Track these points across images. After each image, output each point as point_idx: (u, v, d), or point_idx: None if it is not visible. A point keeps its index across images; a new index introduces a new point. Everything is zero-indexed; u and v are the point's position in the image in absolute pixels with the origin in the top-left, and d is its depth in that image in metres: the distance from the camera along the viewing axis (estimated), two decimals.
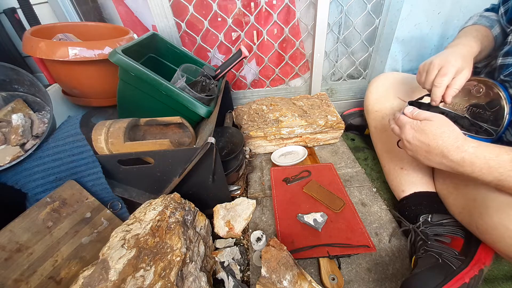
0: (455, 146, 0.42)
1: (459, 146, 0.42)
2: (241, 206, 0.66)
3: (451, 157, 0.43)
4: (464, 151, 0.41)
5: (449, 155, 0.43)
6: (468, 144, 0.42)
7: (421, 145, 0.46)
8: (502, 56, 0.50)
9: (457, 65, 0.47)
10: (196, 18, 0.90)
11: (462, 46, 0.52)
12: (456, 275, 0.43)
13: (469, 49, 0.52)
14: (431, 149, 0.44)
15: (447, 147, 0.43)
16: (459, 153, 0.42)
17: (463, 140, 0.42)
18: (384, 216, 0.65)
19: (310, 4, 0.91)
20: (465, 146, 0.42)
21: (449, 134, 0.43)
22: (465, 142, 0.42)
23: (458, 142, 0.42)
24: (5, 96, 0.61)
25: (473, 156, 0.41)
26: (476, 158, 0.40)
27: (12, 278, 0.43)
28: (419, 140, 0.46)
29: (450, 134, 0.43)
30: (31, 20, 0.93)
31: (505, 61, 0.49)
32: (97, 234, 0.54)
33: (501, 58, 0.50)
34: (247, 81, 1.09)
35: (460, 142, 0.42)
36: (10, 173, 0.53)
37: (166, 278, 0.40)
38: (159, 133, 0.66)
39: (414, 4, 0.87)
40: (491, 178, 0.40)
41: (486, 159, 0.40)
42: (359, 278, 0.52)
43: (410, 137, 0.47)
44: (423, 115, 0.46)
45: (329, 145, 0.94)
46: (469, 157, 0.41)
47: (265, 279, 0.44)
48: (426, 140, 0.45)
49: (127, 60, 0.57)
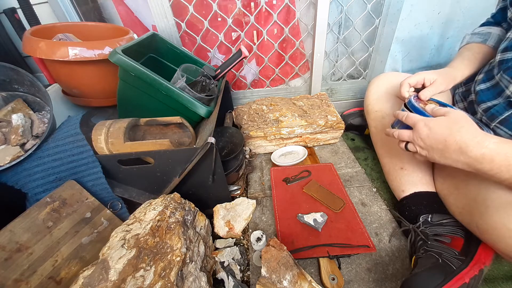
0: (475, 141, 0.40)
1: (480, 141, 0.39)
2: (241, 206, 0.66)
3: (470, 153, 0.40)
4: (485, 147, 0.39)
5: (468, 151, 0.40)
6: (488, 139, 0.39)
7: (437, 142, 0.43)
8: (501, 52, 0.50)
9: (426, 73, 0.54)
10: (196, 18, 0.90)
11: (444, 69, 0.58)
12: (456, 275, 0.43)
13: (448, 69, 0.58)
14: (448, 145, 0.42)
15: (466, 143, 0.40)
16: (480, 149, 0.39)
17: (483, 135, 0.40)
18: (384, 216, 0.65)
19: (310, 4, 0.91)
20: (485, 141, 0.39)
21: (468, 129, 0.41)
22: (486, 138, 0.40)
23: (478, 138, 0.40)
24: (5, 96, 0.61)
25: (494, 153, 0.39)
26: (497, 155, 0.38)
27: (12, 278, 0.43)
28: (434, 138, 0.43)
29: (468, 128, 0.41)
30: (31, 20, 0.93)
31: (504, 56, 0.49)
32: (97, 234, 0.54)
33: (500, 54, 0.50)
34: (247, 81, 1.09)
35: (480, 138, 0.40)
36: (10, 173, 0.53)
37: (166, 278, 0.40)
38: (159, 133, 0.66)
39: (414, 4, 0.87)
40: (507, 176, 0.39)
41: (507, 156, 0.38)
42: (359, 278, 0.52)
43: (425, 134, 0.44)
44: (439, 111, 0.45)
45: (329, 145, 0.94)
46: (490, 153, 0.39)
47: (265, 279, 0.44)
48: (443, 136, 0.42)
49: (127, 60, 0.57)
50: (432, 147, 0.44)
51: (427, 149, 0.46)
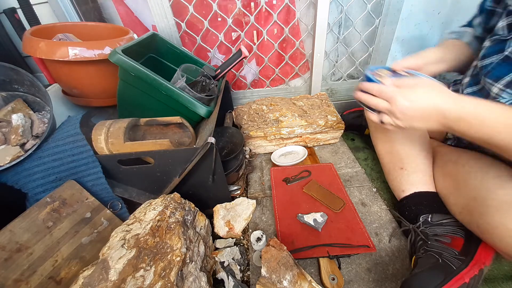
0: (452, 103, 0.43)
1: (457, 103, 0.43)
2: (241, 206, 0.66)
3: (449, 115, 0.43)
4: (462, 107, 0.42)
5: (447, 113, 0.43)
6: (465, 101, 0.43)
7: (416, 111, 0.45)
8: (480, 60, 0.54)
9: None
10: (196, 18, 0.90)
11: None
12: (456, 275, 0.43)
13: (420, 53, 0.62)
14: (429, 111, 0.45)
15: (444, 106, 0.43)
16: (457, 111, 0.42)
17: (458, 97, 0.43)
18: (384, 216, 0.65)
19: (310, 4, 0.91)
20: (462, 103, 0.43)
21: (443, 93, 0.44)
22: (462, 99, 0.43)
23: (455, 100, 0.43)
24: (5, 96, 0.61)
25: (470, 113, 0.42)
26: (471, 114, 0.42)
27: (12, 278, 0.43)
28: (415, 109, 0.45)
29: (444, 93, 0.44)
30: (31, 20, 0.93)
31: (483, 63, 0.53)
32: (97, 234, 0.54)
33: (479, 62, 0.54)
34: (247, 81, 1.09)
35: (457, 100, 0.43)
36: (10, 173, 0.53)
37: (166, 278, 0.40)
38: (159, 133, 0.66)
39: (414, 4, 0.87)
40: (480, 135, 0.42)
41: (481, 115, 0.41)
42: (359, 278, 0.52)
43: (405, 107, 0.46)
44: (408, 82, 0.48)
45: (329, 145, 0.94)
46: (466, 114, 0.42)
47: (265, 279, 0.44)
48: (423, 105, 0.45)
49: (127, 60, 0.57)
50: (413, 117, 0.46)
51: (406, 119, 0.47)
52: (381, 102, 0.50)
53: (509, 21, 0.49)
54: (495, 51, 0.51)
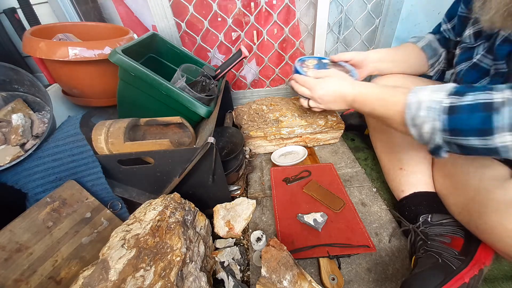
0: (349, 88, 0.58)
1: (351, 88, 0.57)
2: (241, 206, 0.66)
3: (348, 98, 0.58)
4: (355, 90, 0.56)
5: (347, 96, 0.58)
6: (357, 86, 0.57)
7: (329, 96, 0.62)
8: (454, 66, 0.60)
9: None
10: (196, 18, 0.90)
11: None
12: (456, 275, 0.43)
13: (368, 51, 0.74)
14: (336, 96, 0.60)
15: (344, 91, 0.58)
16: (352, 94, 0.57)
17: (353, 83, 0.58)
18: (384, 216, 0.65)
19: (310, 4, 0.91)
20: (355, 87, 0.57)
21: (343, 81, 0.60)
22: (354, 84, 0.57)
23: (350, 85, 0.58)
24: (5, 96, 0.61)
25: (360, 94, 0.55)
26: (361, 95, 0.55)
27: (12, 278, 0.43)
28: (327, 94, 0.61)
29: (344, 81, 0.60)
30: (31, 20, 0.93)
31: (456, 69, 0.58)
32: (97, 234, 0.54)
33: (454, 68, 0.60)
34: (247, 81, 1.09)
35: (352, 85, 0.58)
36: (10, 173, 0.53)
37: (166, 278, 0.40)
38: (159, 133, 0.66)
39: (414, 4, 0.87)
40: (368, 110, 0.54)
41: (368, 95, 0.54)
42: (359, 278, 0.53)
43: (322, 93, 0.62)
44: (322, 73, 0.65)
45: (329, 145, 0.94)
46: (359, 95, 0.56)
47: (265, 279, 0.44)
48: (331, 91, 0.61)
49: (127, 60, 0.57)
50: (328, 101, 0.62)
51: (324, 103, 0.63)
52: (305, 90, 0.66)
53: (476, 29, 0.52)
54: (464, 58, 0.56)
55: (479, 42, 0.52)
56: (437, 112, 0.39)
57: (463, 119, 0.37)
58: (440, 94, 0.40)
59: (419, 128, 0.43)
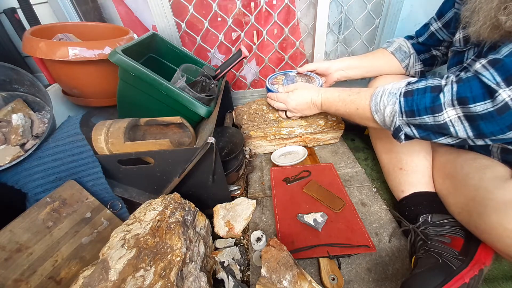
0: (317, 96, 0.69)
1: (318, 95, 0.69)
2: (241, 206, 0.66)
3: (317, 104, 0.70)
4: (321, 97, 0.69)
5: (317, 103, 0.70)
6: (321, 93, 0.69)
7: (301, 105, 0.73)
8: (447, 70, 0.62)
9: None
10: (196, 18, 0.90)
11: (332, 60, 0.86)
12: (456, 275, 0.43)
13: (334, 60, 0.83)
14: (308, 105, 0.72)
15: (314, 99, 0.70)
16: (319, 100, 0.69)
17: (318, 91, 0.70)
18: (384, 216, 0.65)
19: (310, 4, 0.91)
20: (320, 94, 0.69)
21: (310, 91, 0.72)
22: (319, 92, 0.69)
23: (317, 93, 0.70)
24: (5, 96, 0.61)
25: (325, 100, 0.68)
26: (326, 99, 0.67)
27: (12, 278, 0.43)
28: (299, 104, 0.73)
29: (311, 90, 0.72)
30: (31, 20, 0.92)
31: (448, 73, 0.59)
32: (97, 234, 0.54)
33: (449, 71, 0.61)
34: (247, 81, 1.09)
35: (318, 93, 0.69)
36: (10, 173, 0.53)
37: (166, 278, 0.40)
38: (159, 133, 0.66)
39: (414, 4, 0.87)
40: (333, 111, 0.67)
41: (330, 100, 0.66)
42: (359, 278, 0.52)
43: (294, 104, 0.74)
44: (291, 87, 0.77)
45: (329, 145, 0.94)
46: (324, 100, 0.68)
47: (265, 279, 0.44)
48: (302, 101, 0.73)
49: (127, 60, 0.57)
50: (302, 109, 0.75)
51: (299, 111, 0.76)
52: (280, 105, 0.79)
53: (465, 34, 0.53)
54: (455, 62, 0.57)
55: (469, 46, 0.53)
56: (396, 96, 0.47)
57: (417, 100, 0.44)
58: (401, 83, 0.48)
59: (382, 114, 0.50)
